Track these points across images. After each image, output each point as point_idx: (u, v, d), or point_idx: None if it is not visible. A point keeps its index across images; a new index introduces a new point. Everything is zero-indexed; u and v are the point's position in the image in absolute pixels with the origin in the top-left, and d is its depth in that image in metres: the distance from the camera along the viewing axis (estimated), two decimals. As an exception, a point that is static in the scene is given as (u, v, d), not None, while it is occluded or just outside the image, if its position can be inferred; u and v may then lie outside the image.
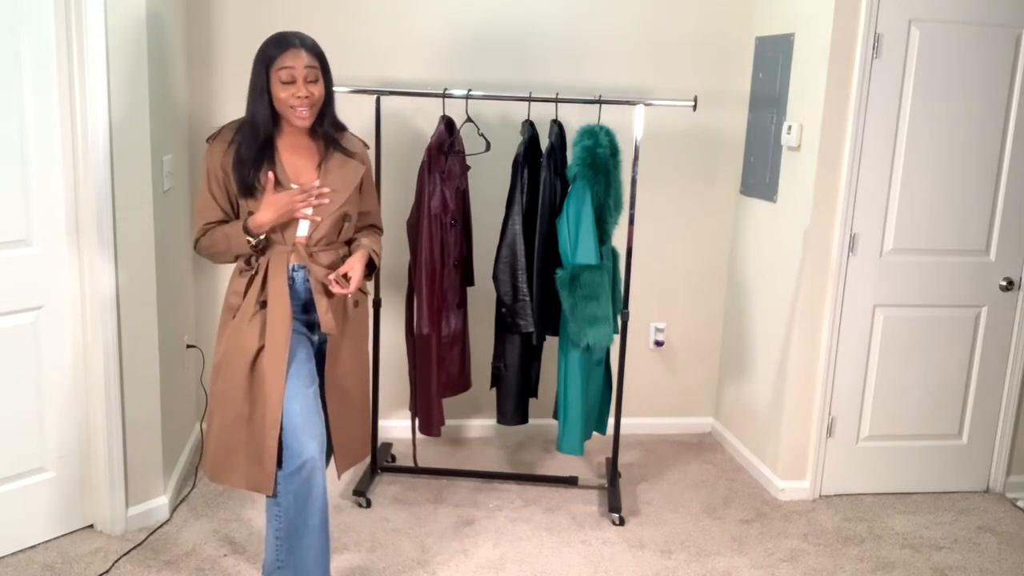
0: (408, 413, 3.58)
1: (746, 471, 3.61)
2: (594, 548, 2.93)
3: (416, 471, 3.41)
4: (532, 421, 3.40)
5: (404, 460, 3.51)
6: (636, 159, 3.07)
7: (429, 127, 3.39)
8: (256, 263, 2.33)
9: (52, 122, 2.58)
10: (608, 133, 3.02)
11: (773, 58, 3.44)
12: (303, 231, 2.34)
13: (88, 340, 2.74)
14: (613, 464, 3.32)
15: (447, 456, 3.63)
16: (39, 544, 2.77)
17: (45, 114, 2.56)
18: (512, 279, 3.09)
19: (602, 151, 2.96)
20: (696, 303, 3.89)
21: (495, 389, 3.26)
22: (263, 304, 2.31)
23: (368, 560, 2.80)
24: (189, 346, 3.43)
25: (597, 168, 2.95)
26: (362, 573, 2.72)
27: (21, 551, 2.72)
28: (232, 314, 2.34)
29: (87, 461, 2.82)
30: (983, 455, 3.48)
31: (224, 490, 3.20)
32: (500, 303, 3.12)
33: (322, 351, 2.44)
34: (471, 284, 3.27)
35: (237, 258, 2.37)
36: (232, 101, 3.42)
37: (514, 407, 3.23)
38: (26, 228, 2.58)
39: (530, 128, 3.11)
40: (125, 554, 2.74)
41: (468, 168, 3.17)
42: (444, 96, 3.05)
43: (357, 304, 2.47)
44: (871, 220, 3.20)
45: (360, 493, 3.16)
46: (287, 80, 2.23)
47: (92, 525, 2.88)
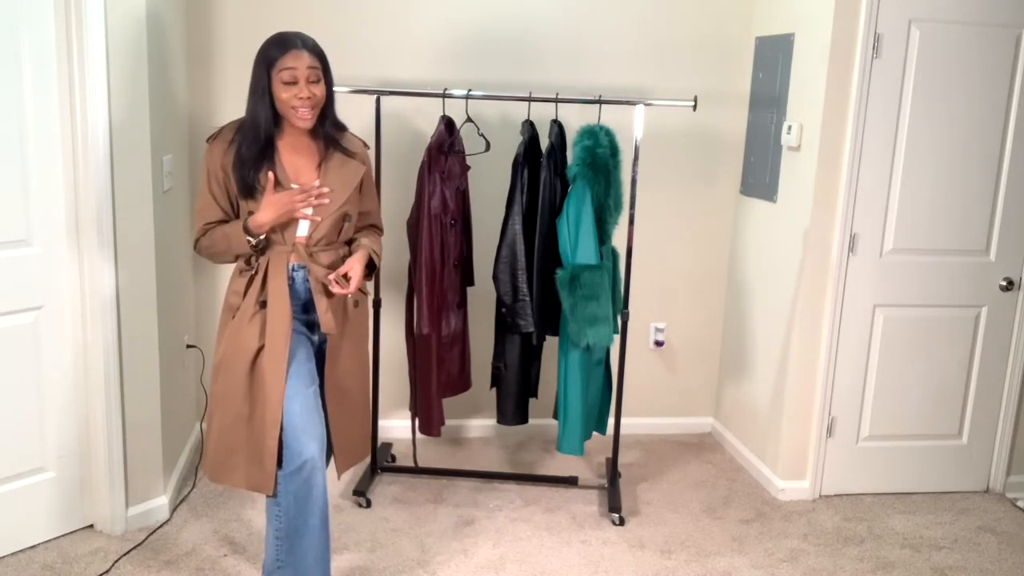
0: (408, 413, 3.58)
1: (746, 471, 3.61)
2: (594, 548, 2.93)
3: (416, 471, 3.41)
4: (532, 421, 3.40)
5: (404, 460, 3.51)
6: (636, 159, 3.07)
7: (429, 127, 3.39)
8: (256, 263, 2.33)
9: (52, 122, 2.58)
10: (608, 133, 3.02)
11: (773, 58, 3.44)
12: (303, 231, 2.34)
13: (88, 340, 2.74)
14: (613, 464, 3.32)
15: (447, 456, 3.63)
16: (39, 544, 2.77)
17: (45, 114, 2.56)
18: (512, 279, 3.09)
19: (602, 151, 2.96)
20: (696, 303, 3.89)
21: (495, 389, 3.26)
22: (263, 304, 2.31)
23: (368, 560, 2.80)
24: (189, 346, 3.43)
25: (597, 168, 2.95)
26: (362, 573, 2.72)
27: (21, 551, 2.72)
28: (232, 314, 2.34)
29: (87, 461, 2.83)
30: (983, 455, 3.48)
31: (224, 490, 3.20)
32: (500, 303, 3.12)
33: (322, 351, 2.44)
34: (471, 284, 3.27)
35: (237, 258, 2.37)
36: (232, 101, 3.42)
37: (514, 407, 3.23)
38: (26, 228, 2.58)
39: (530, 128, 3.11)
40: (125, 554, 2.74)
41: (468, 168, 3.17)
42: (444, 96, 3.05)
43: (357, 304, 2.47)
44: (871, 220, 3.20)
45: (360, 493, 3.16)
46: (289, 81, 2.23)
47: (92, 525, 2.88)
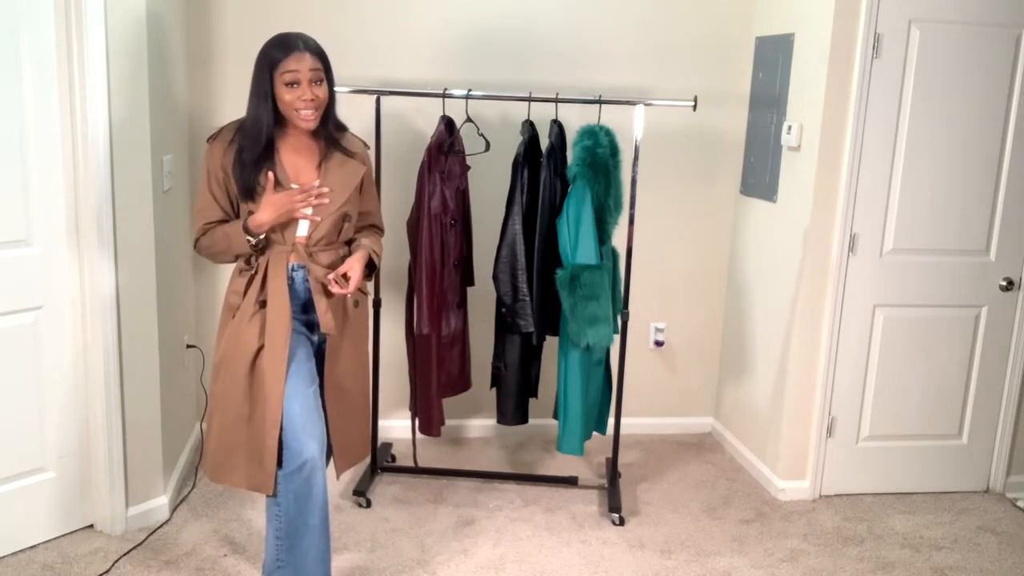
0: (408, 413, 3.58)
1: (746, 471, 3.60)
2: (594, 548, 2.93)
3: (416, 471, 3.41)
4: (532, 421, 3.40)
5: (404, 460, 3.51)
6: (636, 159, 3.07)
7: (429, 127, 3.39)
8: (256, 263, 2.33)
9: (52, 122, 2.58)
10: (608, 133, 3.02)
11: (773, 58, 3.44)
12: (303, 231, 2.34)
13: (88, 340, 2.74)
14: (613, 464, 3.32)
15: (447, 456, 3.63)
16: (39, 544, 2.77)
17: (45, 114, 2.56)
18: (512, 279, 3.09)
19: (602, 151, 2.96)
20: (696, 303, 3.89)
21: (495, 389, 3.26)
22: (263, 304, 2.31)
23: (368, 560, 2.80)
24: (189, 346, 3.43)
25: (597, 168, 2.95)
26: (362, 573, 2.72)
27: (21, 551, 2.72)
28: (232, 314, 2.34)
29: (87, 461, 2.83)
30: (983, 455, 3.48)
31: (224, 490, 3.20)
32: (500, 303, 3.12)
33: (322, 351, 2.44)
34: (471, 284, 3.27)
35: (237, 258, 2.37)
36: (232, 101, 3.42)
37: (514, 407, 3.23)
38: (26, 228, 2.58)
39: (530, 128, 3.11)
40: (125, 554, 2.74)
41: (468, 168, 3.17)
42: (444, 96, 3.05)
43: (357, 304, 2.47)
44: (871, 220, 3.20)
45: (360, 493, 3.16)
46: (291, 83, 2.23)
47: (92, 525, 2.88)
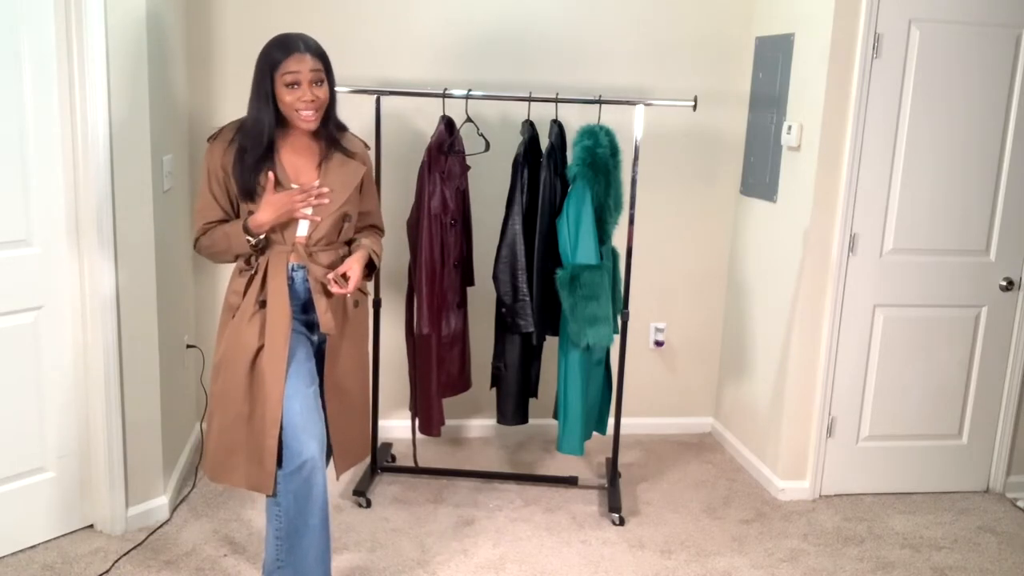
0: (408, 413, 3.58)
1: (746, 471, 3.60)
2: (594, 548, 2.93)
3: (416, 471, 3.41)
4: (532, 421, 3.40)
5: (404, 460, 3.51)
6: (636, 159, 3.07)
7: (429, 127, 3.39)
8: (256, 263, 2.33)
9: (52, 122, 2.58)
10: (608, 133, 3.02)
11: (773, 58, 3.44)
12: (303, 231, 2.34)
13: (88, 340, 2.74)
14: (613, 464, 3.32)
15: (447, 456, 3.63)
16: (39, 544, 2.77)
17: (45, 114, 2.56)
18: (512, 279, 3.09)
19: (602, 151, 2.96)
20: (696, 303, 3.89)
21: (495, 389, 3.26)
22: (263, 304, 2.31)
23: (368, 560, 2.80)
24: (189, 346, 3.43)
25: (597, 168, 2.95)
26: (362, 573, 2.72)
27: (21, 551, 2.72)
28: (232, 314, 2.34)
29: (87, 461, 2.83)
30: (983, 455, 3.48)
31: (224, 490, 3.20)
32: (500, 303, 3.12)
33: (322, 351, 2.44)
34: (471, 284, 3.27)
35: (237, 258, 2.37)
36: (232, 101, 3.42)
37: (514, 407, 3.23)
38: (26, 228, 2.58)
39: (530, 128, 3.11)
40: (125, 554, 2.74)
41: (468, 168, 3.17)
42: (444, 96, 3.05)
43: (357, 304, 2.47)
44: (871, 220, 3.20)
45: (360, 493, 3.16)
46: (292, 83, 2.23)
47: (92, 525, 2.88)
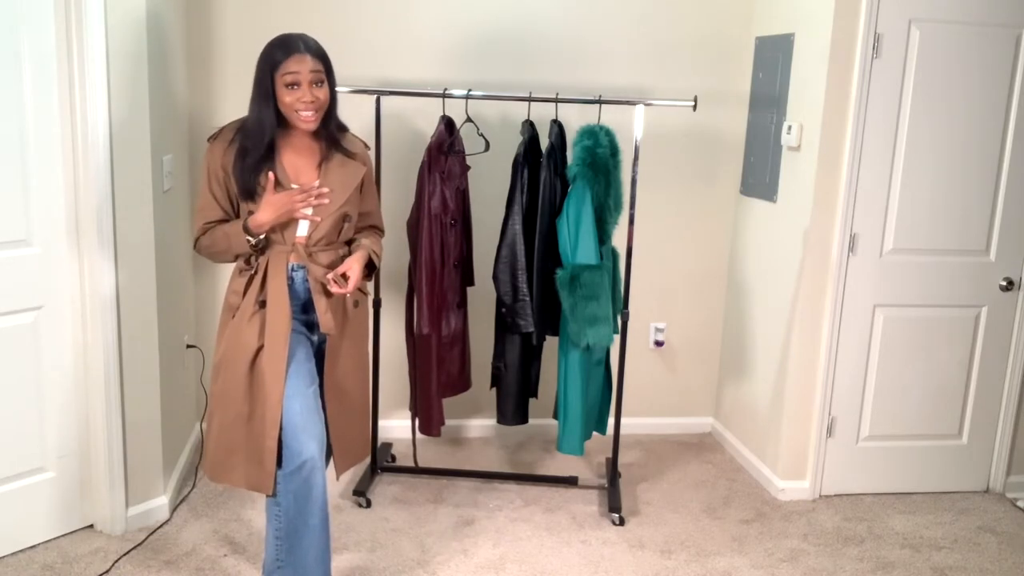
0: (408, 413, 3.58)
1: (746, 471, 3.60)
2: (594, 548, 2.93)
3: (416, 471, 3.41)
4: (532, 421, 3.40)
5: (404, 460, 3.51)
6: (636, 159, 3.07)
7: (429, 127, 3.39)
8: (256, 263, 2.33)
9: (52, 122, 2.58)
10: (608, 133, 3.02)
11: (773, 58, 3.44)
12: (303, 231, 2.34)
13: (88, 340, 2.74)
14: (613, 464, 3.32)
15: (447, 456, 3.63)
16: (39, 544, 2.77)
17: (45, 114, 2.56)
18: (512, 279, 3.09)
19: (602, 151, 2.96)
20: (696, 303, 3.89)
21: (495, 389, 3.26)
22: (262, 304, 2.31)
23: (368, 560, 2.80)
24: (189, 346, 3.43)
25: (597, 168, 2.95)
26: (362, 573, 2.72)
27: (21, 551, 2.72)
28: (232, 314, 2.34)
29: (87, 461, 2.83)
30: (983, 455, 3.48)
31: (224, 490, 3.20)
32: (500, 303, 3.12)
33: (322, 351, 2.44)
34: (471, 284, 3.27)
35: (237, 257, 2.37)
36: (232, 101, 3.42)
37: (514, 407, 3.23)
38: (26, 228, 2.58)
39: (530, 128, 3.11)
40: (125, 554, 2.74)
41: (468, 168, 3.17)
42: (444, 96, 3.05)
43: (357, 304, 2.47)
44: (871, 220, 3.20)
45: (360, 493, 3.16)
46: (292, 84, 2.23)
47: (92, 525, 2.88)
